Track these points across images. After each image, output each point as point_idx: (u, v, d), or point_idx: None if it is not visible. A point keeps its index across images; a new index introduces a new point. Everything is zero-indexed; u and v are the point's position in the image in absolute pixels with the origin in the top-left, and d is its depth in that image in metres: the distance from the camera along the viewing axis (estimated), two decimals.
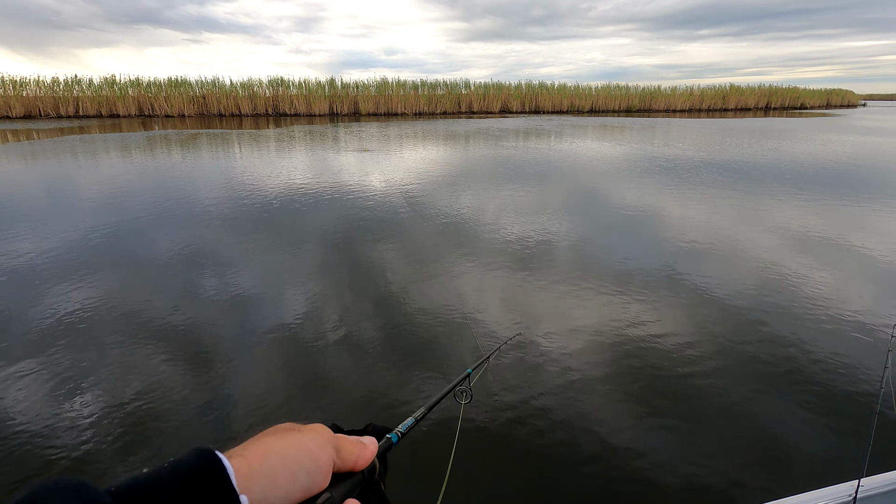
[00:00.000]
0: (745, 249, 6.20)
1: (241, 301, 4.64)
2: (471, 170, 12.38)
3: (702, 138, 20.65)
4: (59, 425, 2.98)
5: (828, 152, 15.86)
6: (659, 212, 8.08)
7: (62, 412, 3.10)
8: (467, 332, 4.12)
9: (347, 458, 0.45)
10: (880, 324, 4.20)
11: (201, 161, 13.55)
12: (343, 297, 4.78)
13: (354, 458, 0.46)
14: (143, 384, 3.37)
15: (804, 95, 52.55)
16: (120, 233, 6.79)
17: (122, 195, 9.16)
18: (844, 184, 10.63)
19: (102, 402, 3.20)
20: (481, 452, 2.79)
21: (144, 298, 4.72)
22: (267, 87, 36.40)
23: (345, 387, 3.41)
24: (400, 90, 38.95)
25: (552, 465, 2.70)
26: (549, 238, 6.61)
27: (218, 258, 5.80)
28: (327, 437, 0.44)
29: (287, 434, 0.41)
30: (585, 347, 3.86)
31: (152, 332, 4.08)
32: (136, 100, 33.10)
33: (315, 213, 7.88)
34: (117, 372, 3.53)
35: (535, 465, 2.70)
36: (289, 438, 0.41)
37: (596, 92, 44.64)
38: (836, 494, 1.52)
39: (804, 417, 3.05)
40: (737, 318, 4.34)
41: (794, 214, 7.91)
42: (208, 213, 7.83)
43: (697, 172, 11.80)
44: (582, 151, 16.06)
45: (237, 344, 3.93)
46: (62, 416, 3.07)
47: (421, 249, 6.21)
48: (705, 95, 46.91)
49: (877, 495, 1.55)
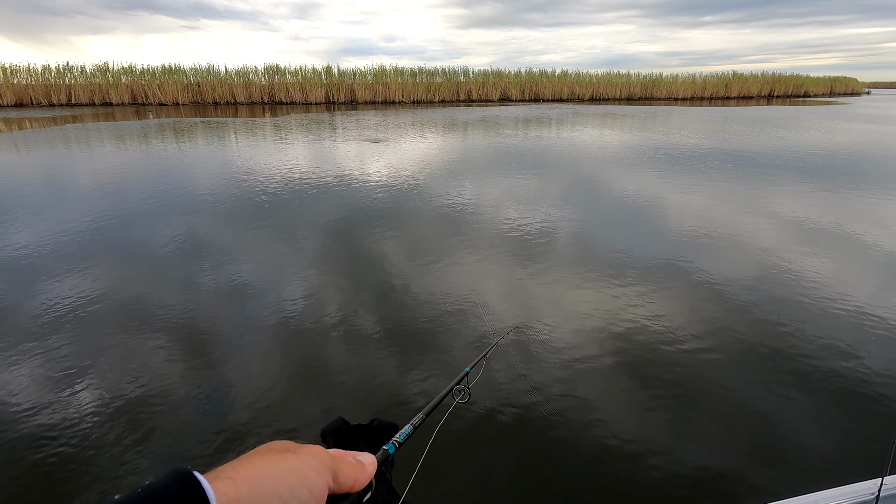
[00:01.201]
0: (766, 241, 5.97)
1: (264, 293, 4.46)
2: (475, 159, 12.08)
3: (707, 126, 20.27)
4: (54, 417, 2.89)
5: (838, 141, 15.54)
6: (669, 202, 7.82)
7: (56, 403, 3.02)
8: (475, 323, 3.99)
9: (344, 483, 0.43)
10: None
11: (211, 151, 13.21)
12: (362, 288, 4.58)
13: (352, 482, 0.44)
14: (141, 376, 3.30)
15: (807, 83, 51.93)
16: (121, 225, 6.53)
17: (123, 187, 8.86)
18: (859, 173, 10.34)
19: (99, 393, 3.12)
20: (477, 448, 2.70)
21: (145, 289, 4.58)
22: (263, 75, 35.81)
23: (347, 379, 3.32)
24: (398, 78, 38.33)
25: (550, 460, 2.62)
26: (567, 229, 6.38)
27: (253, 254, 5.53)
28: (324, 461, 0.41)
29: (280, 457, 0.39)
30: (591, 340, 3.70)
31: (152, 323, 3.99)
32: (130, 88, 32.51)
33: (338, 205, 7.61)
34: (114, 363, 3.45)
35: (534, 459, 2.63)
36: (282, 462, 0.38)
37: (597, 80, 44.04)
38: (858, 492, 1.46)
39: (825, 413, 2.93)
40: (755, 313, 4.15)
41: (814, 206, 7.66)
42: (227, 205, 7.54)
43: (705, 161, 11.50)
44: (588, 140, 15.74)
45: (251, 336, 3.81)
46: (56, 406, 2.98)
47: (433, 240, 6.05)
48: (707, 83, 46.30)
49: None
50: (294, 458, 0.39)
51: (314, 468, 0.39)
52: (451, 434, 2.69)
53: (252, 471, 0.36)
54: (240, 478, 0.35)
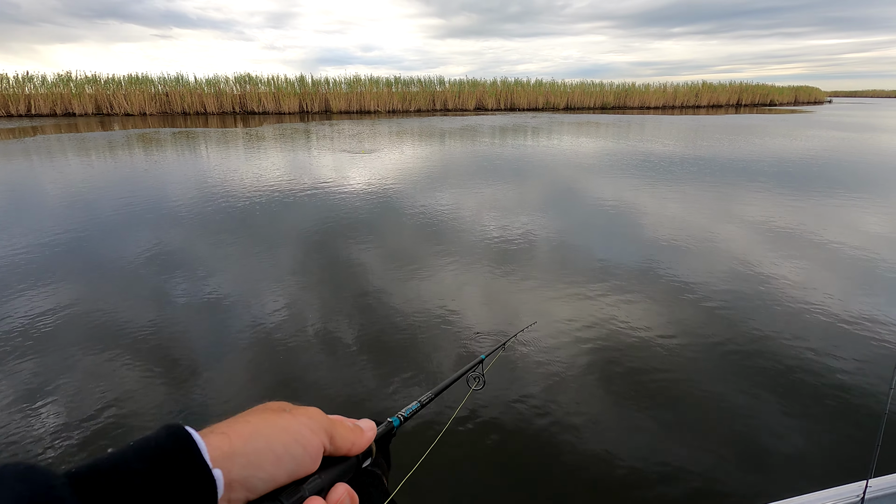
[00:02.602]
0: (756, 247, 5.95)
1: (261, 307, 4.16)
2: (452, 167, 11.82)
3: (684, 135, 20.48)
4: (15, 436, 2.76)
5: (810, 147, 15.80)
6: (648, 209, 7.64)
7: (21, 421, 2.88)
8: (476, 327, 4.02)
9: (342, 445, 0.43)
10: (890, 321, 4.09)
11: (183, 163, 12.63)
12: (347, 297, 4.52)
13: (349, 444, 0.43)
14: (111, 390, 3.17)
15: (773, 92, 53.48)
16: (84, 241, 6.13)
17: (87, 202, 8.32)
18: (836, 179, 10.42)
19: (62, 413, 2.97)
20: (482, 445, 2.72)
21: (112, 305, 4.37)
22: (234, 84, 35.10)
23: (329, 386, 3.26)
24: (372, 87, 38.04)
25: (551, 461, 2.62)
26: (556, 237, 6.23)
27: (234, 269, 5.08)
28: (320, 422, 0.41)
29: (276, 415, 0.39)
30: (597, 343, 3.77)
31: (118, 340, 3.81)
32: (94, 98, 31.46)
33: (329, 216, 7.18)
34: (83, 379, 3.31)
35: (531, 459, 2.65)
36: (277, 421, 0.38)
37: (571, 89, 44.50)
38: (843, 495, 1.47)
39: (810, 417, 2.96)
40: (742, 318, 4.16)
41: (799, 212, 7.63)
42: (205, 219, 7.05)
43: (686, 169, 11.45)
44: (567, 149, 15.64)
45: (226, 352, 3.69)
46: (19, 425, 2.85)
47: (410, 248, 5.92)
48: (678, 92, 47.24)
49: (886, 496, 1.53)
50: (290, 418, 0.39)
51: (310, 427, 0.39)
52: (452, 424, 2.73)
53: (247, 427, 0.36)
54: (234, 433, 0.35)
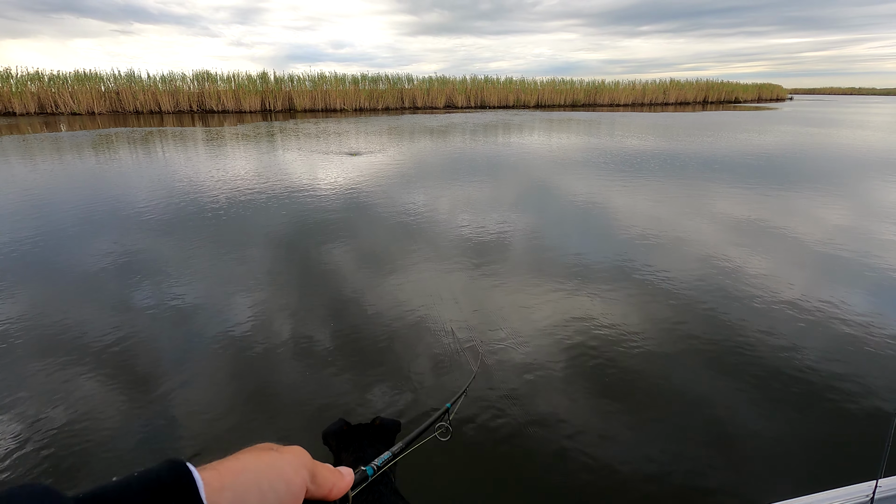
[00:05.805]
0: (747, 243, 5.80)
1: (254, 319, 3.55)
2: (429, 165, 11.05)
3: (663, 132, 20.21)
4: None
5: (782, 142, 15.71)
6: (628, 208, 7.08)
7: None
8: (454, 352, 3.63)
9: (323, 485, 0.45)
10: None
11: (139, 165, 11.46)
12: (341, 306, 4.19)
13: (330, 485, 0.45)
14: (73, 407, 2.91)
15: (738, 90, 54.54)
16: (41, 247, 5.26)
17: (34, 206, 7.19)
18: (812, 172, 10.12)
19: (17, 428, 2.72)
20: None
21: (70, 315, 4.03)
22: (192, 82, 33.48)
23: (309, 407, 2.95)
24: (338, 85, 36.90)
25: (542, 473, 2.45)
26: (544, 242, 5.61)
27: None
28: (304, 462, 0.43)
29: (263, 453, 0.41)
30: (576, 358, 3.48)
31: (79, 351, 3.49)
32: (37, 96, 29.47)
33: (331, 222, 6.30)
34: (42, 396, 3.02)
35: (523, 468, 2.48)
36: (263, 458, 0.40)
37: (542, 87, 44.28)
38: (852, 494, 1.44)
39: (819, 416, 2.85)
40: (746, 318, 3.95)
41: (788, 208, 7.24)
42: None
43: (686, 169, 11.00)
44: (544, 146, 15.08)
45: (197, 361, 3.48)
46: None
47: (388, 250, 5.48)
48: (647, 90, 47.58)
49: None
50: (275, 456, 0.41)
51: (293, 465, 0.42)
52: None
53: (236, 464, 0.39)
54: (224, 469, 0.38)
